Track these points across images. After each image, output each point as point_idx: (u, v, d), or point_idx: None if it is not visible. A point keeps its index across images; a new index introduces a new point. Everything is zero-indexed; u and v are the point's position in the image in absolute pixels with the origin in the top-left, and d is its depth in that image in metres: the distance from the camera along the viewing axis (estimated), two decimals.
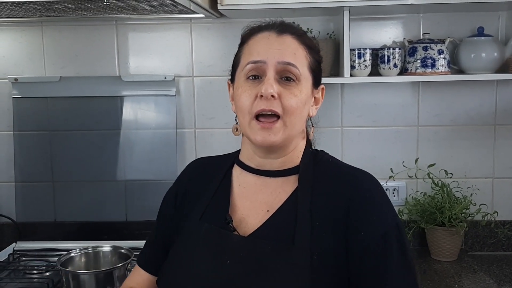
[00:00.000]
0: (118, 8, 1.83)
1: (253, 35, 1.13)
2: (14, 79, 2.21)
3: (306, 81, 1.11)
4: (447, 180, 2.11)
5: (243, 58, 1.12)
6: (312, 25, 2.10)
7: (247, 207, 1.14)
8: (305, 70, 1.10)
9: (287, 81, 1.08)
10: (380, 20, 2.16)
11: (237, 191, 1.17)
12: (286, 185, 1.13)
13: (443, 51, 2.01)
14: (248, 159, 1.18)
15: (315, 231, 1.05)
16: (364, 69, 2.02)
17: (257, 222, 1.10)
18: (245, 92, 1.08)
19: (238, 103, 1.10)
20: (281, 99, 1.06)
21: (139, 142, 2.23)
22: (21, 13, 1.88)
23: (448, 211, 2.00)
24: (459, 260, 2.05)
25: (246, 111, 1.08)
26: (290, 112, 1.06)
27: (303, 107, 1.10)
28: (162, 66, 2.23)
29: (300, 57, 1.10)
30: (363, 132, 2.21)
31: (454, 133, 2.18)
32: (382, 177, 2.10)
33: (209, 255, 1.09)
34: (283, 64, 1.07)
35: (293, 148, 1.15)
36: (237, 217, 1.12)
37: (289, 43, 1.10)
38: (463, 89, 2.15)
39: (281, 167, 1.15)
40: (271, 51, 1.08)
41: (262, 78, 1.08)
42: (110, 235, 2.15)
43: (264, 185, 1.15)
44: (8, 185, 2.26)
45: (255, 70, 1.08)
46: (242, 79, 1.10)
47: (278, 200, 1.12)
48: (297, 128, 1.11)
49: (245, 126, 1.10)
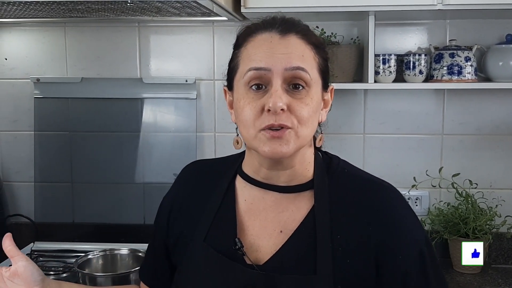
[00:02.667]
0: (141, 10, 1.82)
1: (251, 37, 1.00)
2: (36, 79, 2.22)
3: (316, 86, 0.98)
4: (472, 191, 2.05)
5: (242, 64, 0.99)
6: (336, 30, 2.07)
7: (256, 226, 1.02)
8: (315, 73, 0.98)
9: (295, 89, 0.95)
10: (406, 25, 2.13)
11: (243, 208, 1.05)
12: (299, 202, 1.02)
13: (470, 58, 1.97)
14: (253, 171, 1.06)
15: (338, 257, 0.96)
16: (388, 75, 1.98)
17: (271, 246, 1.00)
18: (249, 105, 0.95)
19: (240, 116, 0.98)
20: (291, 111, 0.94)
21: (158, 145, 2.22)
22: (44, 13, 1.88)
23: (472, 222, 1.95)
24: (483, 273, 2.00)
25: (251, 125, 0.95)
26: (302, 123, 0.95)
27: (314, 116, 0.98)
28: (184, 69, 2.22)
29: (308, 59, 0.97)
30: (386, 139, 2.17)
31: (479, 142, 2.14)
32: (404, 186, 2.06)
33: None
34: (291, 70, 0.94)
35: (301, 157, 1.02)
36: (246, 240, 1.01)
37: (295, 45, 0.97)
38: (490, 98, 2.11)
39: (291, 180, 1.03)
40: (276, 57, 0.94)
41: (267, 88, 0.95)
42: (128, 238, 2.14)
43: (273, 200, 1.03)
44: (28, 185, 2.26)
45: (258, 79, 0.95)
46: (243, 89, 0.97)
47: (292, 219, 1.01)
48: (308, 138, 1.00)
49: (249, 140, 0.98)
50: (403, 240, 0.98)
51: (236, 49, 1.04)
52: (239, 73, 1.00)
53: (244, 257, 0.99)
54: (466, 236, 1.97)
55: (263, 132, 0.94)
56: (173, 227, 1.12)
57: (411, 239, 0.99)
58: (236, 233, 1.02)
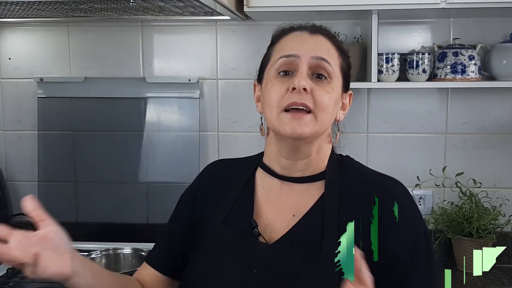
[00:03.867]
0: (144, 9, 1.82)
1: (284, 35, 1.12)
2: (40, 78, 2.22)
3: (337, 81, 1.09)
4: (476, 190, 2.05)
5: (275, 54, 1.10)
6: (339, 29, 2.06)
7: (272, 211, 1.12)
8: (337, 69, 1.09)
9: (318, 79, 1.05)
10: (409, 24, 2.12)
11: (261, 195, 1.15)
12: (312, 190, 1.11)
13: (474, 57, 1.96)
14: (273, 160, 1.14)
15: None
16: (392, 74, 1.98)
17: (283, 227, 1.08)
18: (275, 86, 1.06)
19: (266, 97, 1.07)
20: (313, 94, 1.03)
21: (162, 144, 2.22)
22: (48, 13, 1.88)
23: (476, 222, 1.94)
24: (487, 272, 1.97)
25: (275, 104, 1.05)
26: (322, 108, 1.04)
27: (334, 106, 1.07)
28: (187, 68, 2.22)
29: (333, 56, 1.09)
30: (390, 138, 2.16)
31: (483, 141, 2.13)
32: (408, 185, 2.01)
33: (235, 262, 1.06)
34: (316, 59, 1.05)
35: (317, 149, 1.11)
36: (262, 222, 1.10)
37: (322, 42, 1.09)
38: (494, 97, 2.10)
39: (306, 170, 1.12)
40: (305, 46, 1.07)
41: (293, 74, 1.05)
42: (131, 237, 2.14)
43: (289, 189, 1.12)
44: (32, 184, 2.26)
45: (287, 65, 1.06)
46: (272, 75, 1.08)
47: (304, 204, 1.10)
48: (326, 126, 1.08)
49: (272, 120, 1.06)
50: (398, 224, 1.02)
51: (270, 46, 1.14)
52: (270, 62, 1.10)
53: (259, 238, 1.07)
54: (470, 236, 1.96)
55: (285, 113, 1.03)
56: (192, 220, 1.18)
57: (406, 225, 1.04)
58: (252, 216, 1.11)
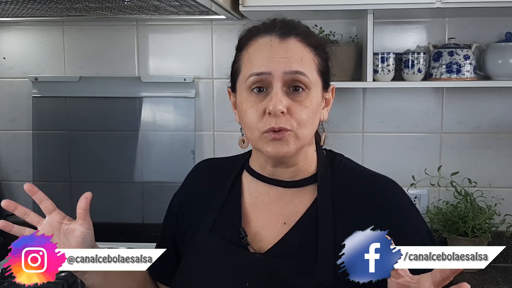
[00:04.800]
0: (139, 8, 1.82)
1: (252, 40, 1.03)
2: (34, 78, 2.22)
3: (316, 87, 1.01)
4: (471, 189, 2.05)
5: (244, 68, 1.02)
6: (335, 28, 2.07)
7: (261, 219, 1.06)
8: (314, 76, 1.01)
9: (295, 92, 0.98)
10: (404, 24, 2.12)
11: (248, 201, 1.09)
12: (303, 195, 1.06)
13: (469, 56, 1.97)
14: (259, 167, 1.10)
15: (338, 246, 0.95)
16: (387, 74, 1.98)
17: (274, 236, 1.03)
18: (251, 108, 0.99)
19: (244, 119, 1.01)
20: (291, 114, 0.97)
21: (157, 144, 2.22)
22: (42, 12, 1.88)
23: (471, 221, 1.94)
24: (482, 271, 1.99)
25: (254, 127, 0.99)
26: (302, 125, 0.98)
27: (314, 117, 1.01)
28: (182, 67, 2.21)
29: (308, 62, 1.00)
30: (385, 138, 2.17)
31: (478, 141, 2.13)
32: (403, 185, 2.01)
33: (225, 276, 1.02)
34: (290, 74, 0.97)
35: (303, 155, 1.06)
36: (251, 231, 1.05)
37: (294, 48, 1.00)
38: (489, 96, 2.10)
39: (294, 176, 1.07)
40: (276, 61, 0.98)
41: (268, 91, 0.98)
42: (126, 237, 2.14)
43: (278, 195, 1.07)
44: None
45: (259, 83, 0.98)
46: (245, 92, 1.01)
47: (295, 211, 1.04)
48: (308, 138, 1.03)
49: (254, 142, 1.02)
50: (405, 230, 0.98)
51: (238, 51, 1.06)
52: (241, 77, 1.03)
53: (248, 247, 1.03)
54: (465, 235, 1.96)
55: (265, 134, 0.98)
56: (182, 220, 1.15)
57: (413, 230, 1.01)
58: (240, 224, 1.05)
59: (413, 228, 1.02)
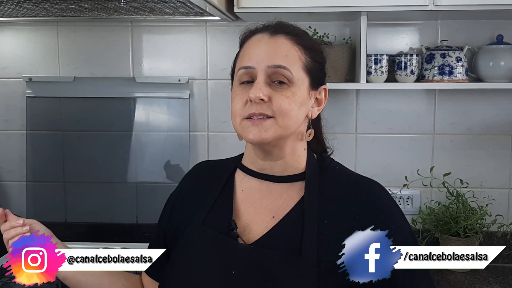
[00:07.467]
0: (134, 9, 1.82)
1: (249, 38, 1.11)
2: (29, 78, 2.21)
3: (301, 83, 1.06)
4: (463, 190, 2.07)
5: (237, 64, 1.10)
6: (329, 30, 2.08)
7: (251, 213, 1.11)
8: (299, 72, 1.06)
9: (279, 84, 1.04)
10: (397, 26, 2.14)
11: (240, 196, 1.14)
12: (292, 191, 1.11)
13: (461, 58, 1.99)
14: (250, 162, 1.15)
15: (323, 240, 1.03)
16: (380, 75, 2.00)
17: (262, 229, 1.08)
18: (237, 97, 1.07)
19: (231, 107, 1.09)
20: (272, 102, 1.03)
21: (151, 145, 2.22)
22: (37, 12, 1.88)
23: (463, 221, 1.96)
24: (474, 271, 2.01)
25: (237, 114, 1.06)
26: (282, 113, 1.03)
27: (298, 109, 1.06)
28: (176, 68, 2.22)
29: (292, 58, 1.06)
30: (378, 139, 2.18)
31: (470, 142, 2.15)
32: (396, 185, 2.08)
33: (213, 263, 1.06)
34: (273, 68, 1.04)
35: (291, 150, 1.11)
36: (241, 223, 1.10)
37: (280, 45, 1.06)
38: (481, 98, 2.12)
39: (283, 171, 1.12)
40: (261, 56, 1.05)
41: (253, 83, 1.05)
42: (120, 237, 2.15)
43: (268, 190, 1.12)
44: (20, 184, 2.26)
45: (247, 76, 1.06)
46: (236, 84, 1.09)
47: (284, 206, 1.09)
48: (291, 129, 1.07)
49: (237, 127, 1.08)
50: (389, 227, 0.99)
51: (239, 50, 1.13)
52: (236, 71, 1.10)
53: (238, 238, 1.07)
54: (457, 235, 1.98)
55: (246, 120, 1.05)
56: (175, 216, 1.20)
57: (396, 227, 1.03)
58: (232, 217, 1.11)
59: (396, 224, 1.05)
